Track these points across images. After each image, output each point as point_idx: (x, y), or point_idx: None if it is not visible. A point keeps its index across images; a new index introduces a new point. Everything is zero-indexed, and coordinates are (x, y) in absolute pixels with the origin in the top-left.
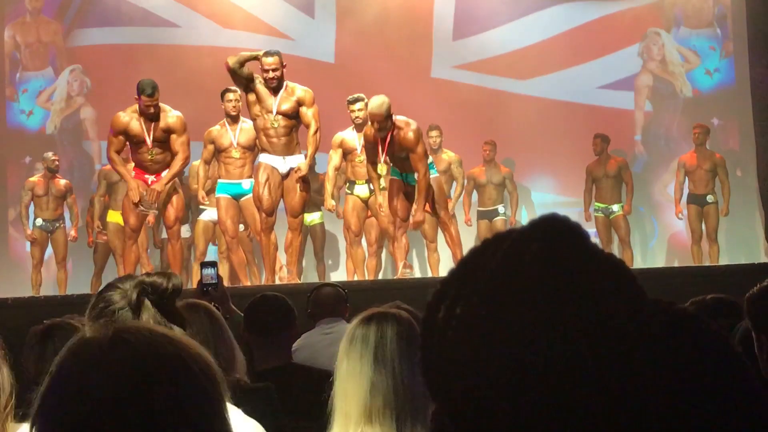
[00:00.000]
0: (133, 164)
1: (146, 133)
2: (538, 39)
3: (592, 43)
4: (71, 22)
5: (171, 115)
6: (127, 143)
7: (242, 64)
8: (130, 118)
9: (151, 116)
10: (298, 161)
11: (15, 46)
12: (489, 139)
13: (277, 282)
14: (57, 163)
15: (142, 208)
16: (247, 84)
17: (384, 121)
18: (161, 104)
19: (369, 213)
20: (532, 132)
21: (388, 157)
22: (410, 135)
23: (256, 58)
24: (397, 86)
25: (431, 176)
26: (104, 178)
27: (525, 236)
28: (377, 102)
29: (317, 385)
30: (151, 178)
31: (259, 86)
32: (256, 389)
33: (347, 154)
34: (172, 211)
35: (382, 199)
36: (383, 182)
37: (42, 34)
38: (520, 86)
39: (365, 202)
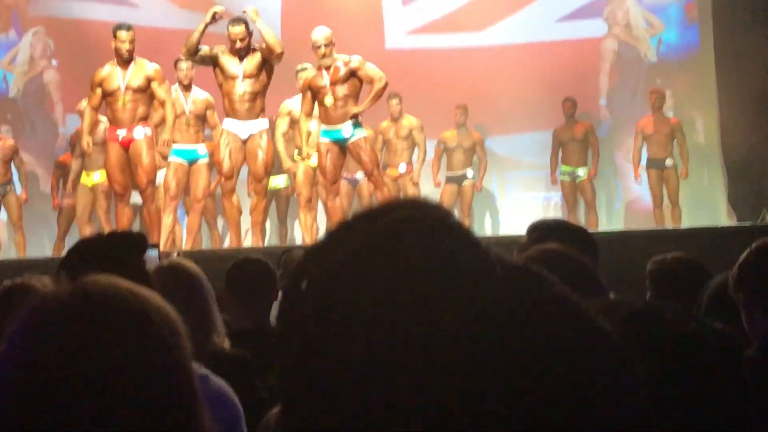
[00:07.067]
0: (106, 123)
1: (120, 79)
2: None
3: None
4: None
5: (149, 66)
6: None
7: (195, 50)
8: (106, 69)
9: (126, 60)
10: (258, 127)
11: None
12: (461, 103)
13: (246, 245)
14: None
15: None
16: (210, 61)
17: (329, 46)
18: (138, 57)
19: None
20: (499, 84)
21: (331, 90)
22: (355, 62)
23: (212, 20)
24: None
25: (361, 136)
26: (78, 139)
27: (404, 217)
28: (318, 28)
29: None
30: (122, 133)
31: (223, 56)
32: (233, 356)
33: (295, 122)
34: (142, 174)
35: (309, 150)
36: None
37: None
38: (478, 38)
39: (315, 169)
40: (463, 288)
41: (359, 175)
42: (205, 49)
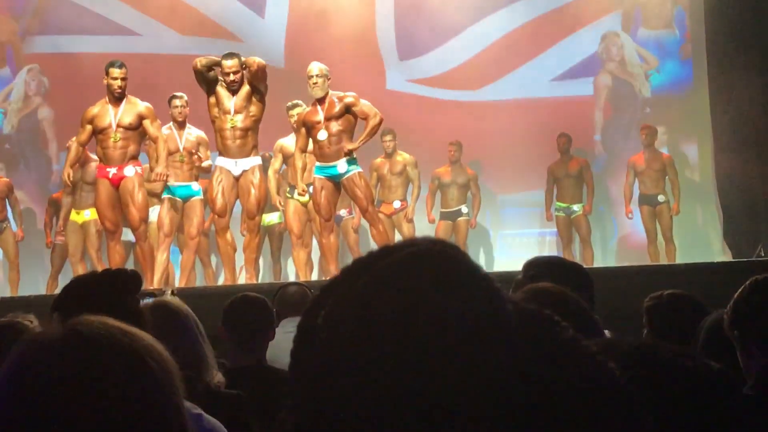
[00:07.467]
0: (97, 161)
1: (112, 117)
2: (482, 47)
3: (539, 39)
4: (26, 26)
5: (141, 105)
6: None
7: (210, 67)
8: (98, 107)
9: (118, 97)
10: (251, 164)
11: None
12: (454, 140)
13: (240, 282)
14: None
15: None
16: (210, 87)
17: (322, 77)
18: (130, 96)
19: (310, 216)
20: (494, 133)
21: (325, 126)
22: (350, 98)
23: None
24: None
25: (355, 171)
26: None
27: (409, 255)
28: (313, 63)
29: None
30: (112, 171)
31: (220, 89)
32: (227, 395)
33: (287, 158)
34: (135, 212)
35: (304, 185)
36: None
37: None
38: (474, 95)
39: (306, 205)
40: (475, 325)
41: (343, 212)
42: (214, 71)
